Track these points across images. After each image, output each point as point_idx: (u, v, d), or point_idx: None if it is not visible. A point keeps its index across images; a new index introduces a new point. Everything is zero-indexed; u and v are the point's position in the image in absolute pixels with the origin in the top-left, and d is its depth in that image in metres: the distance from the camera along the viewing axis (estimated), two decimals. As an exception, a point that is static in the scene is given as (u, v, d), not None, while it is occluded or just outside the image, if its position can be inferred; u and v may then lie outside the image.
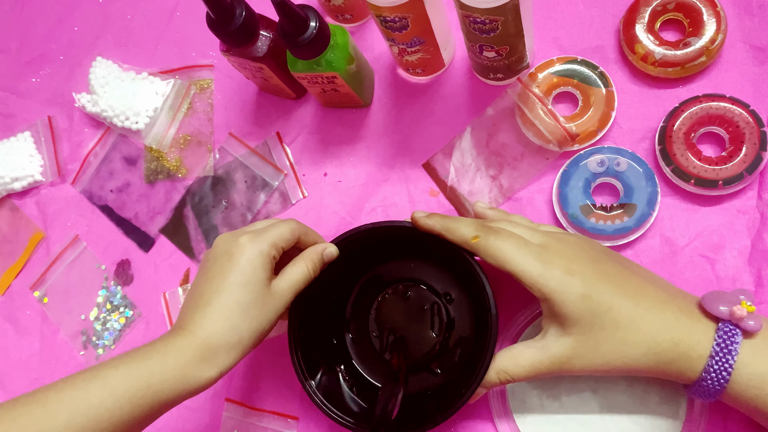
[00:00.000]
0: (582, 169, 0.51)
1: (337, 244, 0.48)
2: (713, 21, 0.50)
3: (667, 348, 0.39)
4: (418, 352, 0.52)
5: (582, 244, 0.43)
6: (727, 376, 0.38)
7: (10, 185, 0.67)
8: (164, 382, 0.40)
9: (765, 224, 0.48)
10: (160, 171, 0.65)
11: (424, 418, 0.46)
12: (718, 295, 0.40)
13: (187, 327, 0.42)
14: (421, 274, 0.53)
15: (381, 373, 0.53)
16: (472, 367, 0.44)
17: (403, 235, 0.47)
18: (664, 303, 0.40)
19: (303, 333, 0.49)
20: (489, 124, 0.54)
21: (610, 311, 0.39)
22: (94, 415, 0.37)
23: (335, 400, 0.48)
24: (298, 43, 0.49)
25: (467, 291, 0.52)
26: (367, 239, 0.48)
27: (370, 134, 0.60)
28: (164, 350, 0.41)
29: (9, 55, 0.73)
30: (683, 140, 0.49)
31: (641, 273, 0.43)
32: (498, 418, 0.50)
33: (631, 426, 0.46)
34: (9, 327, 0.66)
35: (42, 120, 0.69)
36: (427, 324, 0.52)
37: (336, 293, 0.54)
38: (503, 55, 0.50)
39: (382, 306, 0.54)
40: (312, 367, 0.49)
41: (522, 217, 0.48)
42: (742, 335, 0.38)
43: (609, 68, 0.54)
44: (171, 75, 0.66)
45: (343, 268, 0.49)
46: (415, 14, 0.47)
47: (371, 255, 0.52)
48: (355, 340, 0.54)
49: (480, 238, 0.42)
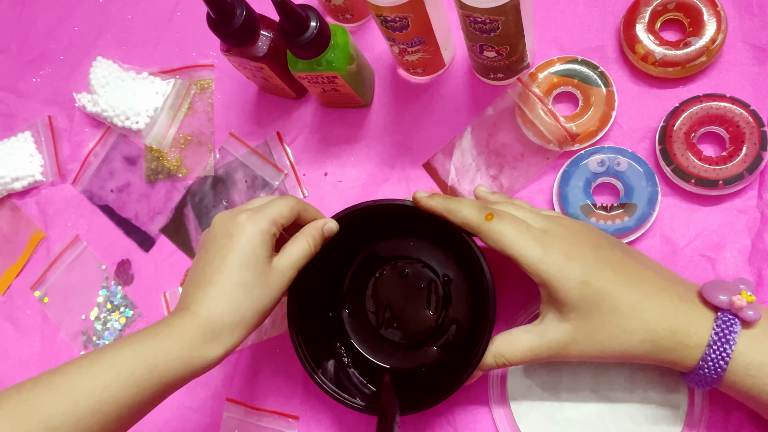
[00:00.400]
0: (582, 168, 0.51)
1: (338, 219, 0.48)
2: (713, 21, 0.50)
3: (665, 336, 0.39)
4: (414, 329, 0.52)
5: (583, 229, 0.43)
6: (724, 366, 0.38)
7: (10, 185, 0.67)
8: (170, 362, 0.39)
9: (765, 224, 0.48)
10: (160, 171, 0.65)
11: (420, 398, 0.46)
12: (718, 284, 0.40)
13: (191, 307, 0.42)
14: (419, 252, 0.53)
15: (376, 349, 0.53)
16: (468, 349, 0.45)
17: (404, 213, 0.47)
18: (663, 290, 0.40)
19: (301, 307, 0.49)
20: (489, 124, 0.54)
21: (609, 298, 0.39)
22: (99, 398, 0.37)
23: (343, 386, 0.49)
24: (299, 43, 0.49)
25: (465, 272, 0.52)
26: (368, 216, 0.48)
27: (370, 134, 0.60)
28: (168, 331, 0.41)
29: (9, 55, 0.73)
30: (683, 140, 0.49)
31: (642, 260, 0.43)
32: (498, 419, 0.50)
33: (632, 426, 0.46)
34: (9, 327, 0.66)
35: (42, 120, 0.69)
36: (424, 302, 0.53)
37: (334, 268, 0.54)
38: (503, 55, 0.50)
39: (379, 282, 0.54)
40: (310, 342, 0.49)
41: (523, 202, 0.48)
42: (740, 325, 0.38)
43: (609, 68, 0.54)
44: (171, 75, 0.66)
45: (342, 244, 0.49)
46: (415, 14, 0.47)
47: (370, 232, 0.52)
48: (352, 314, 0.54)
49: (482, 220, 0.42)
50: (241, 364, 0.58)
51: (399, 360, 0.53)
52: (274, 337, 0.58)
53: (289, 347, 0.57)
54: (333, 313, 0.54)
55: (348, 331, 0.54)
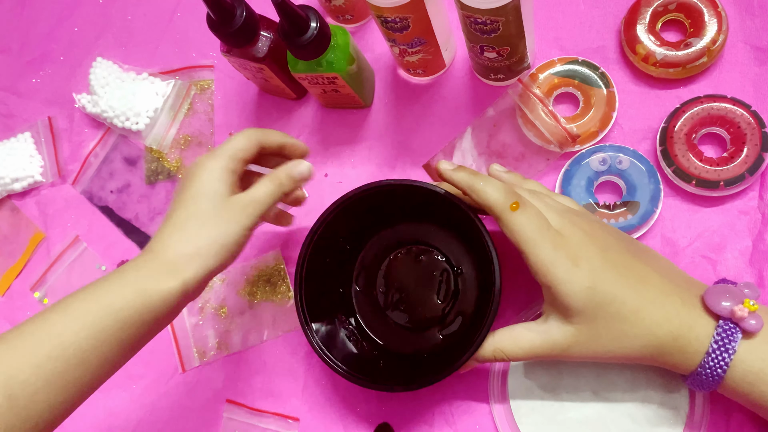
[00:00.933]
0: (584, 167, 0.51)
1: (361, 193, 0.48)
2: (714, 21, 0.50)
3: (667, 341, 0.39)
4: (420, 315, 0.53)
5: (595, 229, 0.42)
6: (722, 373, 0.38)
7: (10, 186, 0.67)
8: (124, 298, 0.39)
9: (766, 225, 0.48)
10: (160, 171, 0.65)
11: (412, 379, 0.46)
12: (721, 291, 0.40)
13: (148, 247, 0.42)
14: (437, 240, 0.54)
15: (380, 328, 0.54)
16: (469, 338, 0.45)
17: (428, 199, 0.47)
18: (666, 295, 0.40)
19: (310, 275, 0.49)
20: (490, 125, 0.54)
21: (614, 303, 0.39)
22: (56, 342, 0.37)
23: (332, 347, 0.49)
24: (299, 43, 0.49)
25: (478, 267, 0.52)
26: (392, 195, 0.49)
27: (370, 135, 0.59)
28: (122, 270, 0.41)
29: (9, 55, 0.73)
30: (684, 141, 0.49)
31: (650, 259, 0.43)
32: (499, 420, 0.49)
33: (633, 426, 0.46)
34: (9, 328, 0.66)
35: (42, 120, 0.69)
36: (434, 290, 0.53)
37: (351, 242, 0.54)
38: (504, 56, 0.50)
39: (393, 264, 0.55)
40: (314, 310, 0.49)
41: (538, 184, 0.47)
42: (741, 333, 0.38)
43: (610, 69, 0.54)
44: (171, 75, 0.66)
45: (363, 218, 0.50)
46: (416, 15, 0.47)
47: (392, 211, 0.53)
48: (362, 291, 0.55)
49: (506, 207, 0.40)
50: (241, 365, 0.58)
51: (400, 343, 0.53)
52: (277, 338, 0.58)
53: (290, 349, 0.57)
54: (342, 287, 0.54)
55: (354, 305, 0.54)
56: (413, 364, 0.51)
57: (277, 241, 0.60)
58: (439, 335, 0.52)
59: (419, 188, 0.47)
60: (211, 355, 0.59)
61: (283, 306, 0.58)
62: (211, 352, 0.59)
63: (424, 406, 0.52)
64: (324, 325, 0.50)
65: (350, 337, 0.52)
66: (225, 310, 0.60)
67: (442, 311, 0.53)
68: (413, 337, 0.53)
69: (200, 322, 0.60)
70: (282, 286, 0.59)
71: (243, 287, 0.60)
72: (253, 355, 0.58)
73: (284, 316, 0.58)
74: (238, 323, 0.59)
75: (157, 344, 0.60)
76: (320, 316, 0.50)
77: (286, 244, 0.60)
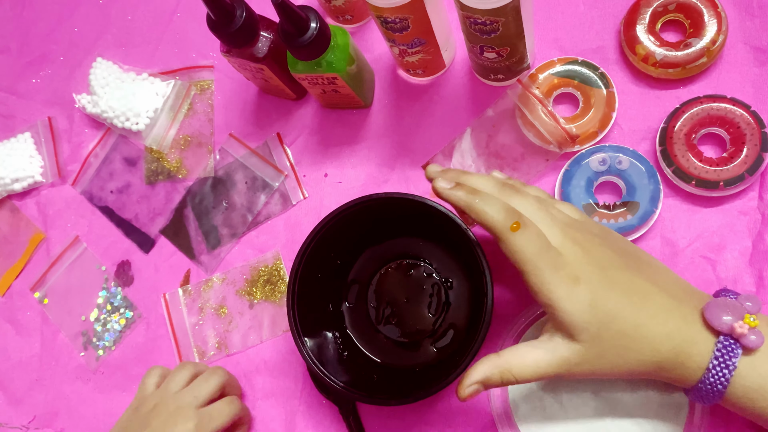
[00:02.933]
0: (584, 168, 0.51)
1: (348, 209, 0.48)
2: (714, 22, 0.50)
3: (668, 357, 0.39)
4: (411, 328, 0.53)
5: (594, 245, 0.42)
6: (722, 389, 0.38)
7: (10, 186, 0.67)
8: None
9: (766, 225, 0.48)
10: (160, 172, 0.65)
11: (407, 393, 0.46)
12: (722, 306, 0.39)
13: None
14: (427, 254, 0.54)
15: (372, 342, 0.54)
16: (463, 349, 0.45)
17: (418, 211, 0.47)
18: (668, 311, 0.40)
19: (302, 291, 0.49)
20: (489, 125, 0.54)
21: (615, 321, 0.39)
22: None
23: (326, 362, 0.49)
24: (299, 44, 0.49)
25: (468, 279, 0.52)
26: (379, 210, 0.49)
27: (370, 135, 0.59)
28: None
29: (9, 56, 0.73)
30: (684, 141, 0.49)
31: (651, 274, 0.42)
32: (499, 420, 0.49)
33: (633, 427, 0.46)
34: (9, 328, 0.66)
35: (42, 121, 0.69)
36: (425, 303, 0.53)
37: (341, 258, 0.54)
38: (504, 56, 0.50)
39: (384, 278, 0.55)
40: (306, 326, 0.49)
41: (539, 189, 0.47)
42: (741, 349, 0.38)
43: (609, 69, 0.54)
44: (171, 76, 0.66)
45: (352, 234, 0.50)
46: (415, 15, 0.47)
47: (381, 226, 0.52)
48: (353, 307, 0.55)
49: (506, 228, 0.40)
50: (242, 365, 0.58)
51: (392, 357, 0.53)
52: (274, 338, 0.58)
53: (290, 348, 0.57)
54: (333, 304, 0.54)
55: (346, 321, 0.54)
56: (408, 378, 0.51)
57: (277, 241, 0.60)
58: (433, 348, 0.52)
59: (406, 201, 0.47)
60: (211, 355, 0.59)
61: (282, 306, 0.58)
62: (211, 352, 0.59)
63: (423, 411, 0.52)
64: (317, 340, 0.50)
65: (342, 352, 0.52)
66: (225, 310, 0.60)
67: (432, 324, 0.53)
68: (407, 352, 0.53)
69: (200, 322, 0.60)
70: (281, 286, 0.59)
71: (242, 287, 0.60)
72: (253, 355, 0.58)
73: (284, 315, 0.58)
74: (238, 323, 0.59)
75: (157, 344, 0.61)
76: (312, 331, 0.50)
77: (286, 244, 0.60)
